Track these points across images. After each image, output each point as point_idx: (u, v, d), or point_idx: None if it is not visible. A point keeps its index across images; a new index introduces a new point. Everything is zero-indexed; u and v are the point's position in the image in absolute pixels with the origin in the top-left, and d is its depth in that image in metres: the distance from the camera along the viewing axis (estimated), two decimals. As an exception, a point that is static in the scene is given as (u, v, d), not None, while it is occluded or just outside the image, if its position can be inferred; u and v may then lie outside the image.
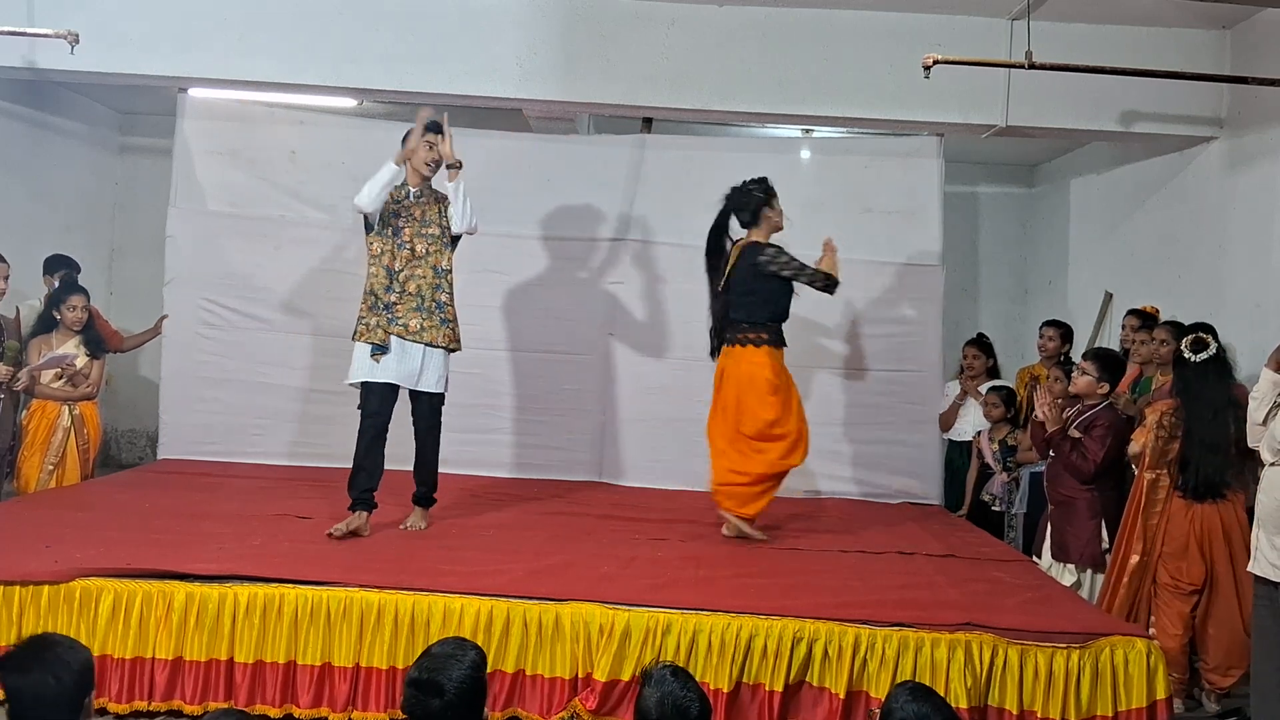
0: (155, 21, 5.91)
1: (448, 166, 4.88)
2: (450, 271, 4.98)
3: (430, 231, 4.91)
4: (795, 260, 5.02)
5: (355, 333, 4.89)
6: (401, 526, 5.02)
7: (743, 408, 5.02)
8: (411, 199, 4.94)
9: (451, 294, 4.97)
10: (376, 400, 4.84)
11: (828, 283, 5.02)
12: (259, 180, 6.60)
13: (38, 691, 2.38)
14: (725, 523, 5.15)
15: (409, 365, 4.86)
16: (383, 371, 4.81)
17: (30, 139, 7.33)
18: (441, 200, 4.97)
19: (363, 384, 4.85)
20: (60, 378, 5.69)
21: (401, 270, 4.85)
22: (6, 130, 7.04)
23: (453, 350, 4.99)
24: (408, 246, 4.88)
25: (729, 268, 5.12)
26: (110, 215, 8.45)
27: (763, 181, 5.14)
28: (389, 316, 4.82)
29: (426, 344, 4.86)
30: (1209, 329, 4.64)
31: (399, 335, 4.82)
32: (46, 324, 5.82)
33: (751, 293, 5.04)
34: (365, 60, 5.98)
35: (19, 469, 5.69)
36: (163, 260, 6.56)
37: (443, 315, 4.91)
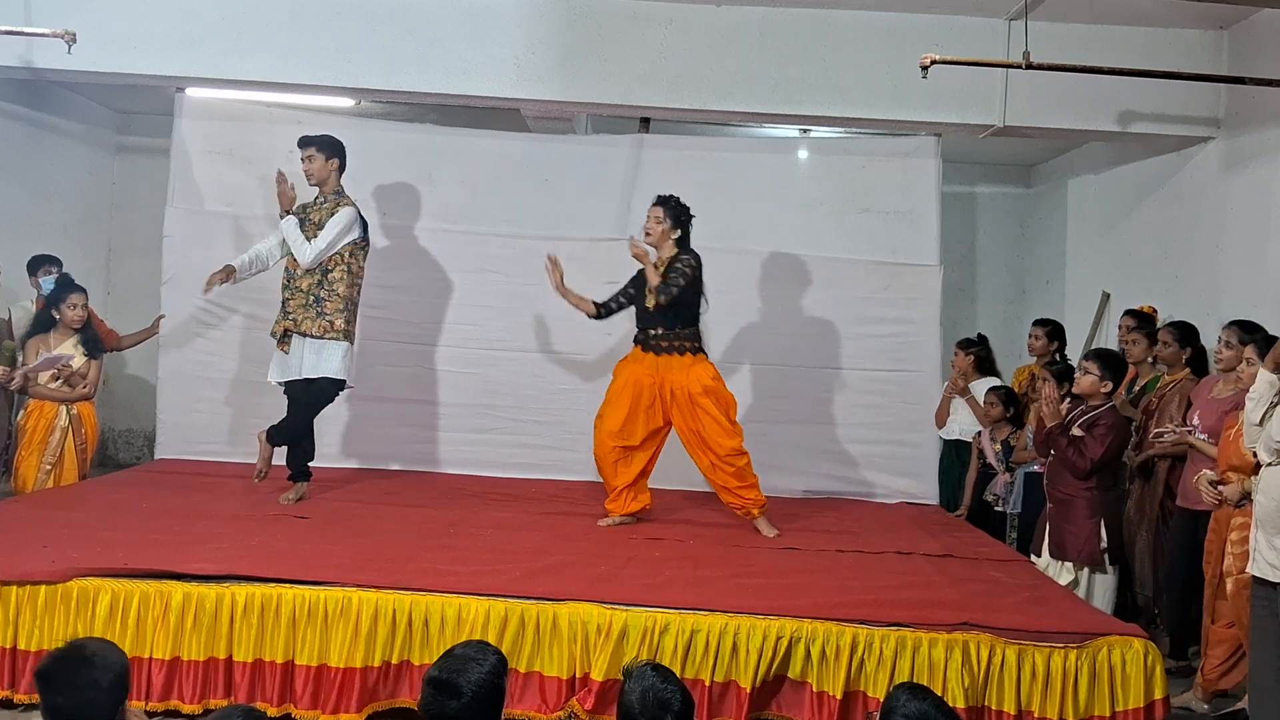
0: (152, 21, 5.91)
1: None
2: (334, 270, 5.37)
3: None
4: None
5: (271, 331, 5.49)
6: (279, 499, 5.36)
7: None
8: (316, 206, 5.45)
9: (334, 291, 5.35)
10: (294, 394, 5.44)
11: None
12: (256, 180, 6.56)
13: (73, 709, 2.43)
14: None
15: (304, 357, 5.36)
16: (298, 369, 5.37)
17: (27, 139, 7.32)
18: (340, 206, 5.40)
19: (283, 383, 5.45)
20: (57, 378, 5.68)
21: (298, 270, 5.38)
22: (3, 130, 7.03)
23: (331, 339, 5.34)
24: None
25: None
26: (107, 215, 8.44)
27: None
28: (284, 311, 5.39)
29: (300, 333, 5.35)
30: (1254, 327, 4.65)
31: (290, 328, 5.36)
32: (44, 323, 5.80)
33: None
34: (363, 60, 5.98)
35: (16, 469, 5.69)
36: (160, 260, 6.54)
37: (319, 309, 5.35)
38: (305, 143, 5.45)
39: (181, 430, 6.51)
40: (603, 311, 5.42)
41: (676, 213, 5.22)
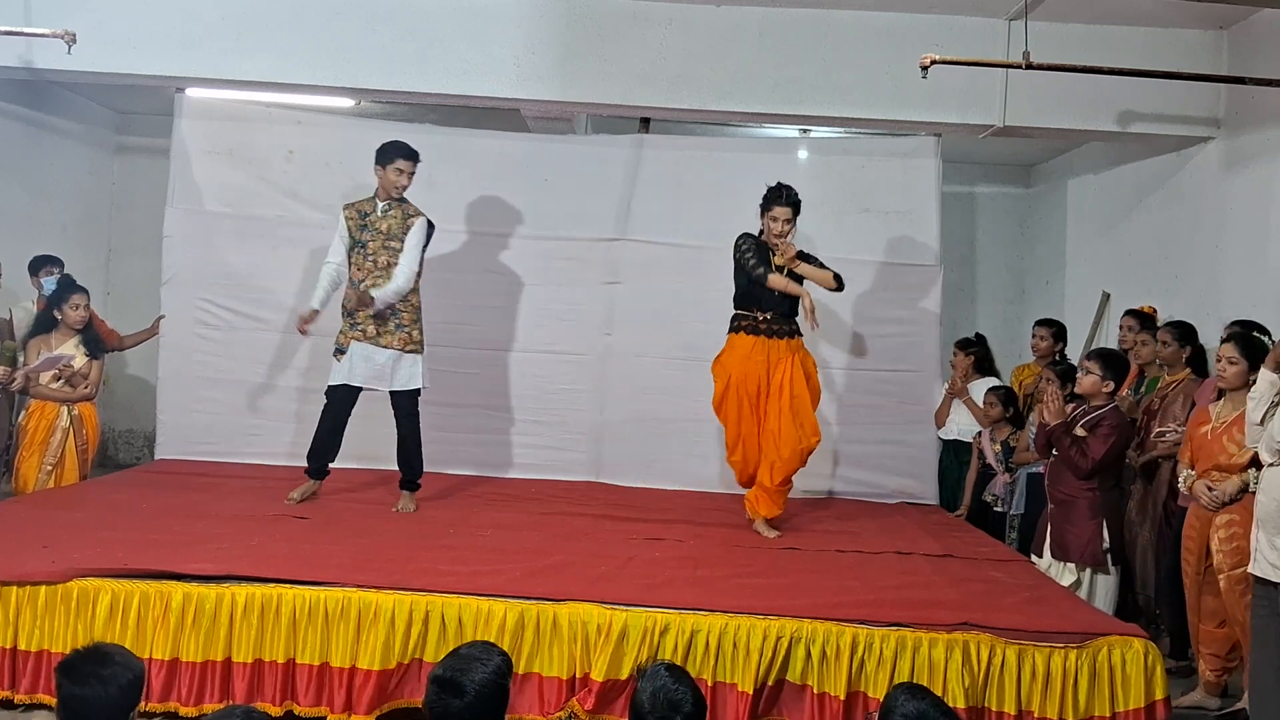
0: (152, 21, 5.91)
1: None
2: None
3: (394, 245, 5.25)
4: (750, 252, 5.17)
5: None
6: (394, 509, 5.36)
7: None
8: (379, 214, 5.28)
9: (409, 302, 5.30)
10: (337, 396, 5.36)
11: (758, 275, 5.15)
12: (256, 180, 6.59)
13: (90, 702, 2.52)
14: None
15: (373, 368, 5.28)
16: (349, 375, 5.28)
17: (27, 139, 7.33)
18: (410, 216, 5.27)
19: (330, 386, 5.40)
20: (58, 379, 5.68)
21: (364, 280, 5.24)
22: (3, 130, 7.04)
23: (410, 351, 5.32)
24: (372, 259, 5.25)
25: None
26: (107, 215, 8.45)
27: (769, 189, 5.23)
28: (350, 323, 5.28)
29: (383, 347, 5.26)
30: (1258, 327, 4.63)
31: (357, 340, 5.25)
32: (46, 324, 5.80)
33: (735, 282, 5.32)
34: (362, 60, 5.98)
35: (17, 470, 5.69)
36: (160, 260, 6.55)
37: (397, 321, 5.28)
38: (414, 156, 5.22)
39: (181, 430, 6.51)
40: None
41: (799, 205, 5.23)
